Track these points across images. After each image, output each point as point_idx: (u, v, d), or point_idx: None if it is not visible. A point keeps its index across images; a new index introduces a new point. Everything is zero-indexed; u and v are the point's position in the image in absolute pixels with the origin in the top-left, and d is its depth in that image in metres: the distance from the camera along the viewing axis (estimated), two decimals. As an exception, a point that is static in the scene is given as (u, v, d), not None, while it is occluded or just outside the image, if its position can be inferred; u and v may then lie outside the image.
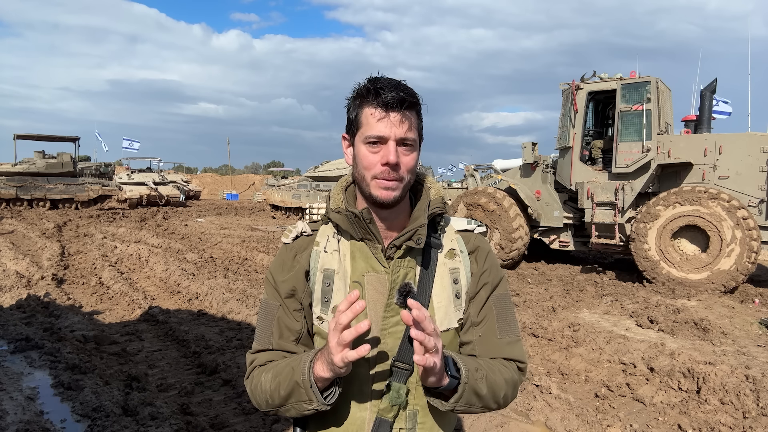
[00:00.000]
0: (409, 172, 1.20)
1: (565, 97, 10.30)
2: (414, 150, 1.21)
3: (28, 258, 9.79)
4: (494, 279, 1.32)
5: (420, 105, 1.22)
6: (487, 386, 1.18)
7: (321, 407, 1.15)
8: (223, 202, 33.17)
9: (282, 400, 1.19)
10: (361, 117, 1.20)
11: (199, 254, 10.85)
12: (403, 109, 1.16)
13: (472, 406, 1.19)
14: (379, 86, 1.17)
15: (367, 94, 1.18)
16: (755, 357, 5.07)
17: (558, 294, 7.94)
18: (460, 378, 1.14)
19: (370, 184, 1.19)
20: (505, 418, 3.74)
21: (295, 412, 1.20)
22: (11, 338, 5.06)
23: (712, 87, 9.63)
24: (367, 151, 1.19)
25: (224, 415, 3.86)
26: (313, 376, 1.13)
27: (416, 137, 1.20)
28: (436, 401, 1.18)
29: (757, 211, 8.34)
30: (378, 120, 1.17)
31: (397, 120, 1.16)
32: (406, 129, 1.17)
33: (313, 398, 1.14)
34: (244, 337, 5.62)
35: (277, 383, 1.19)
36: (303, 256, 1.30)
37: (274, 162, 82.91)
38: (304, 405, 1.16)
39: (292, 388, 1.16)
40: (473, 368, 1.18)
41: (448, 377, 1.12)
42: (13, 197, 21.27)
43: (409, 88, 1.20)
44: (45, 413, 3.55)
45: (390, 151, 1.16)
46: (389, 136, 1.16)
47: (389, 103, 1.15)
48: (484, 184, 12.70)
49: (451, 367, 1.14)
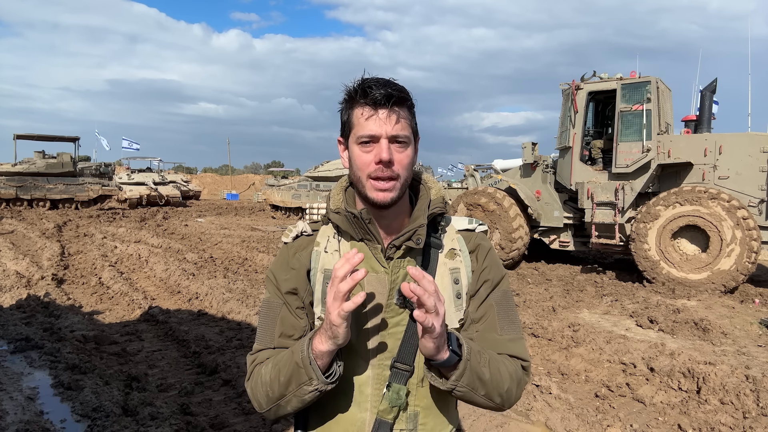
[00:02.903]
0: (404, 169, 1.19)
1: (565, 97, 10.30)
2: (407, 147, 1.19)
3: (28, 258, 9.79)
4: (495, 276, 1.31)
5: (410, 101, 1.21)
6: (490, 372, 1.16)
7: (322, 386, 1.13)
8: (223, 202, 33.17)
9: (282, 388, 1.17)
10: (352, 118, 1.20)
11: (199, 254, 10.85)
12: (392, 106, 1.16)
13: (474, 390, 1.16)
14: (367, 85, 1.17)
15: (355, 94, 1.19)
16: (755, 357, 5.07)
17: (558, 294, 7.94)
18: (462, 354, 1.12)
19: (366, 185, 1.19)
20: (505, 418, 3.74)
21: (296, 401, 1.17)
22: (11, 338, 5.06)
23: (712, 87, 9.63)
24: (361, 152, 1.19)
25: (224, 415, 3.86)
26: (312, 353, 1.12)
27: (409, 134, 1.19)
28: (437, 380, 1.15)
29: (757, 211, 8.34)
30: (367, 119, 1.17)
31: (386, 117, 1.16)
32: (397, 126, 1.16)
33: (313, 376, 1.12)
34: (244, 337, 5.62)
35: (276, 371, 1.18)
36: (303, 255, 1.30)
37: (274, 162, 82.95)
38: (304, 387, 1.14)
39: (292, 370, 1.14)
40: (476, 350, 1.16)
41: (449, 350, 1.11)
42: (13, 197, 21.28)
43: (398, 85, 1.19)
44: (45, 413, 3.55)
45: (382, 148, 1.16)
46: (380, 134, 1.16)
47: (377, 100, 1.15)
48: (484, 184, 12.71)
49: (453, 343, 1.12)
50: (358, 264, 1.05)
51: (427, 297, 1.03)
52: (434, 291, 1.05)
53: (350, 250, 1.26)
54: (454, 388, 1.14)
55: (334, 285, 1.06)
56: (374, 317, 1.22)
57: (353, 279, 1.05)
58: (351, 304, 1.05)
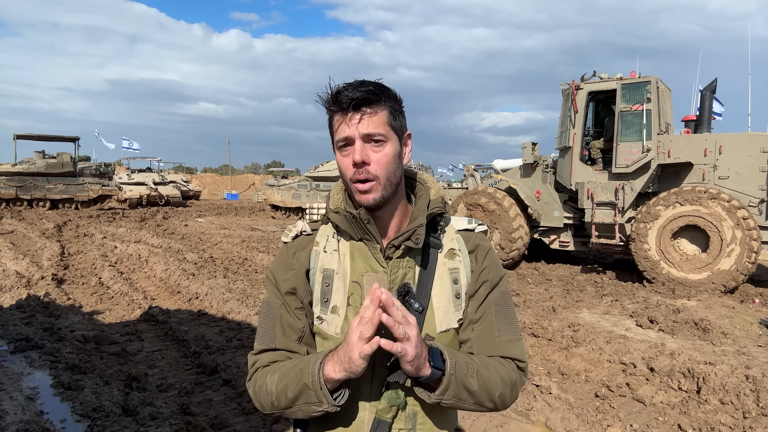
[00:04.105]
0: (382, 168, 1.18)
1: (565, 97, 10.30)
2: (385, 144, 1.18)
3: (28, 258, 9.79)
4: (494, 277, 1.31)
5: (386, 98, 1.19)
6: (478, 382, 1.17)
7: (331, 408, 1.14)
8: (223, 202, 33.17)
9: (289, 402, 1.18)
10: (332, 124, 1.22)
11: (199, 254, 10.86)
12: (362, 106, 1.16)
13: (463, 401, 1.17)
14: (339, 90, 1.18)
15: (327, 103, 1.20)
16: (755, 357, 5.07)
17: (558, 294, 7.94)
18: (445, 369, 1.13)
19: (351, 188, 1.21)
20: (505, 418, 3.74)
21: (302, 414, 1.20)
22: (11, 338, 5.06)
23: (712, 87, 9.63)
24: (341, 156, 1.20)
25: (224, 415, 3.86)
26: (323, 377, 1.12)
27: (385, 131, 1.18)
28: (423, 393, 1.16)
29: (757, 211, 8.34)
30: (341, 123, 1.18)
31: (356, 117, 1.16)
32: (368, 124, 1.16)
33: (324, 400, 1.13)
34: (244, 337, 5.62)
35: (284, 385, 1.18)
36: (303, 254, 1.30)
37: (274, 162, 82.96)
38: (313, 407, 1.16)
39: (301, 389, 1.15)
40: (463, 362, 1.16)
41: (430, 367, 1.11)
42: (13, 197, 21.28)
43: (373, 85, 1.19)
44: (45, 413, 3.55)
45: (355, 149, 1.16)
46: (353, 136, 1.16)
47: (344, 104, 1.16)
48: (484, 184, 12.70)
49: (436, 359, 1.13)
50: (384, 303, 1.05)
51: (397, 327, 1.04)
52: (402, 317, 1.06)
53: (348, 250, 1.27)
54: (439, 401, 1.16)
55: (361, 324, 1.07)
56: None
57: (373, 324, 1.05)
58: (369, 348, 1.05)
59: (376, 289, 1.07)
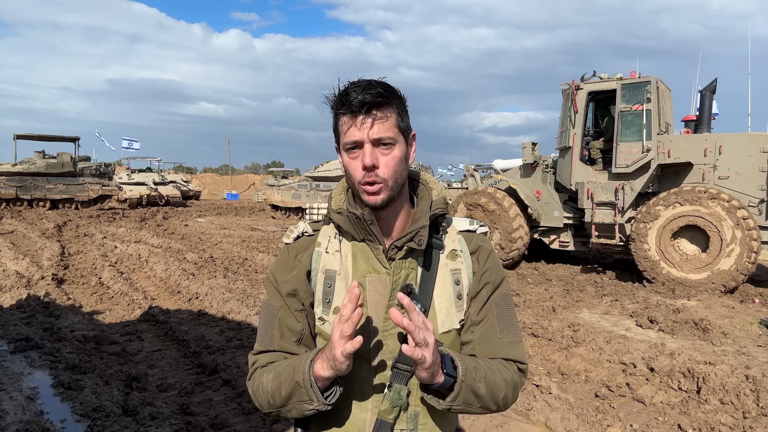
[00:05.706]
0: (390, 170, 1.18)
1: (565, 97, 10.30)
2: (393, 147, 1.19)
3: (28, 258, 9.79)
4: (496, 279, 1.31)
5: (395, 99, 1.19)
6: (485, 386, 1.17)
7: (322, 407, 1.15)
8: (223, 202, 33.16)
9: (283, 401, 1.19)
10: (338, 126, 1.21)
11: (199, 254, 10.85)
12: (371, 110, 1.15)
13: (470, 406, 1.18)
14: (347, 91, 1.17)
15: (335, 103, 1.20)
16: (755, 357, 5.07)
17: (558, 294, 7.94)
18: (457, 376, 1.13)
19: (358, 190, 1.21)
20: (505, 418, 3.74)
21: (296, 413, 1.21)
22: (11, 338, 5.06)
23: (712, 87, 9.63)
24: (349, 158, 1.20)
25: (224, 415, 3.86)
26: (313, 375, 1.13)
27: (394, 134, 1.18)
28: (433, 399, 1.17)
29: (757, 211, 8.34)
30: (350, 126, 1.17)
31: (368, 121, 1.16)
32: (379, 128, 1.16)
33: (314, 398, 1.14)
34: (244, 337, 5.62)
35: (278, 383, 1.19)
36: (304, 256, 1.30)
37: (274, 162, 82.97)
38: (305, 405, 1.17)
39: (293, 388, 1.16)
40: (471, 367, 1.17)
41: (443, 375, 1.12)
42: (13, 197, 21.26)
43: (381, 86, 1.18)
44: (45, 413, 3.55)
45: (365, 153, 1.16)
46: (363, 139, 1.16)
47: (356, 106, 1.15)
48: (484, 184, 12.70)
49: (448, 365, 1.13)
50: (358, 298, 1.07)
51: (417, 332, 1.04)
52: (422, 323, 1.06)
53: (350, 251, 1.27)
54: (450, 407, 1.16)
55: (340, 323, 1.07)
56: (376, 318, 1.22)
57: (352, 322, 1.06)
58: (350, 347, 1.06)
59: (354, 287, 1.07)
